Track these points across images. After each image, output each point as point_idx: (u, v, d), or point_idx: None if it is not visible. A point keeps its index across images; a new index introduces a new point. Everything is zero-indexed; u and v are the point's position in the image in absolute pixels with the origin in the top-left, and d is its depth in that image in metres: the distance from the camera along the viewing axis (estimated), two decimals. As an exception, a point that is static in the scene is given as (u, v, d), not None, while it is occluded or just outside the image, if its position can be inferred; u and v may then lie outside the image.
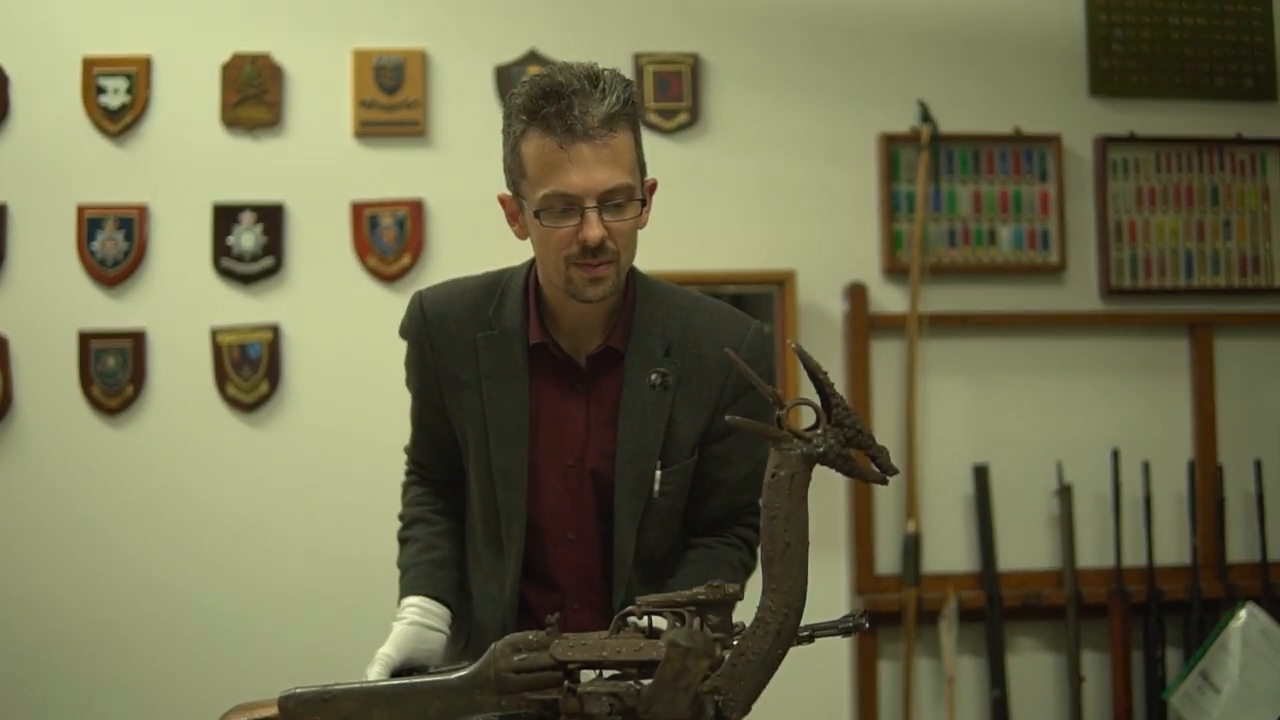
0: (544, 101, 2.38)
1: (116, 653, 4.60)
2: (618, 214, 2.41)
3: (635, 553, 2.59)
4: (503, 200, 2.56)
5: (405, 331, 2.70)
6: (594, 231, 2.38)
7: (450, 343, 2.64)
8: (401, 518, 2.79)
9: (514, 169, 2.48)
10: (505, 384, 2.59)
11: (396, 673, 2.40)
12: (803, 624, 2.30)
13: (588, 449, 2.59)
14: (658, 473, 2.57)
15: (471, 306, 2.63)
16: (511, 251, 2.79)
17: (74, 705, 4.60)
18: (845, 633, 2.25)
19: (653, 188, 2.54)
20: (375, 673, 2.36)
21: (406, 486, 2.84)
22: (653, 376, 2.56)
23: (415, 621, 2.52)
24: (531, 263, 2.62)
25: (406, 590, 2.62)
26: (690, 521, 2.71)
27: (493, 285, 2.66)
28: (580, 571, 2.64)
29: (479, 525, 2.70)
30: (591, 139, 2.37)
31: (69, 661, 4.60)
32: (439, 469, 2.79)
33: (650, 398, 2.56)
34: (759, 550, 2.56)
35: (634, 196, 2.43)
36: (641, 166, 2.48)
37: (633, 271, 2.60)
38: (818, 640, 2.08)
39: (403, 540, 2.75)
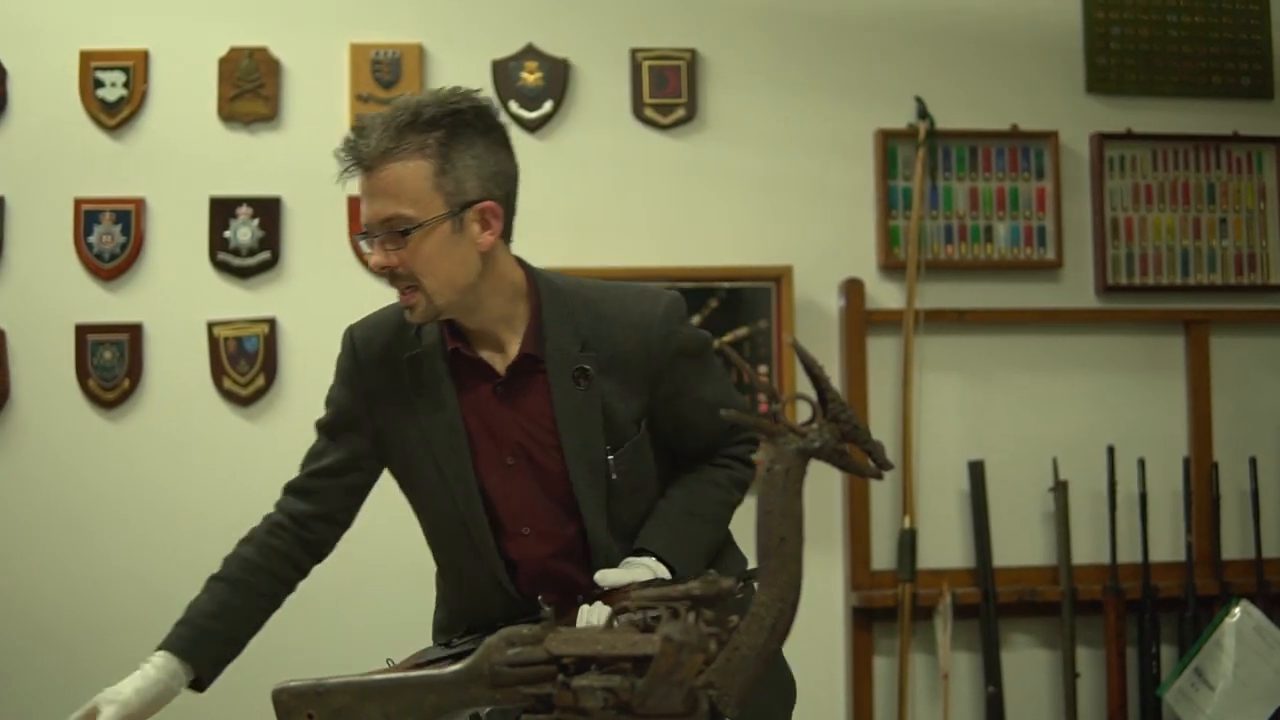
0: (347, 136, 2.57)
1: (111, 645, 4.60)
2: (399, 242, 2.50)
3: (611, 530, 2.67)
4: None
5: (339, 364, 2.80)
6: (373, 258, 2.54)
7: (380, 368, 2.72)
8: (231, 555, 2.88)
9: None
10: (434, 395, 2.67)
11: None
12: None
13: (526, 448, 2.66)
14: (610, 458, 2.65)
15: (396, 330, 2.71)
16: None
17: (65, 701, 4.59)
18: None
19: (488, 210, 2.56)
20: (107, 715, 2.62)
21: (264, 521, 2.89)
22: (575, 373, 2.63)
23: (159, 680, 2.72)
24: None
25: (170, 641, 2.78)
26: (681, 463, 2.81)
27: None
28: (538, 563, 2.71)
29: (443, 540, 2.80)
30: (369, 170, 2.51)
31: (63, 655, 4.60)
32: (312, 508, 2.85)
33: (579, 394, 2.64)
34: (754, 471, 2.78)
35: (417, 224, 2.49)
36: (450, 192, 2.52)
37: (534, 275, 2.70)
38: (813, 635, 2.10)
39: (214, 575, 2.86)
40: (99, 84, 4.70)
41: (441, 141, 2.50)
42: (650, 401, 2.68)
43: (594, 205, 4.83)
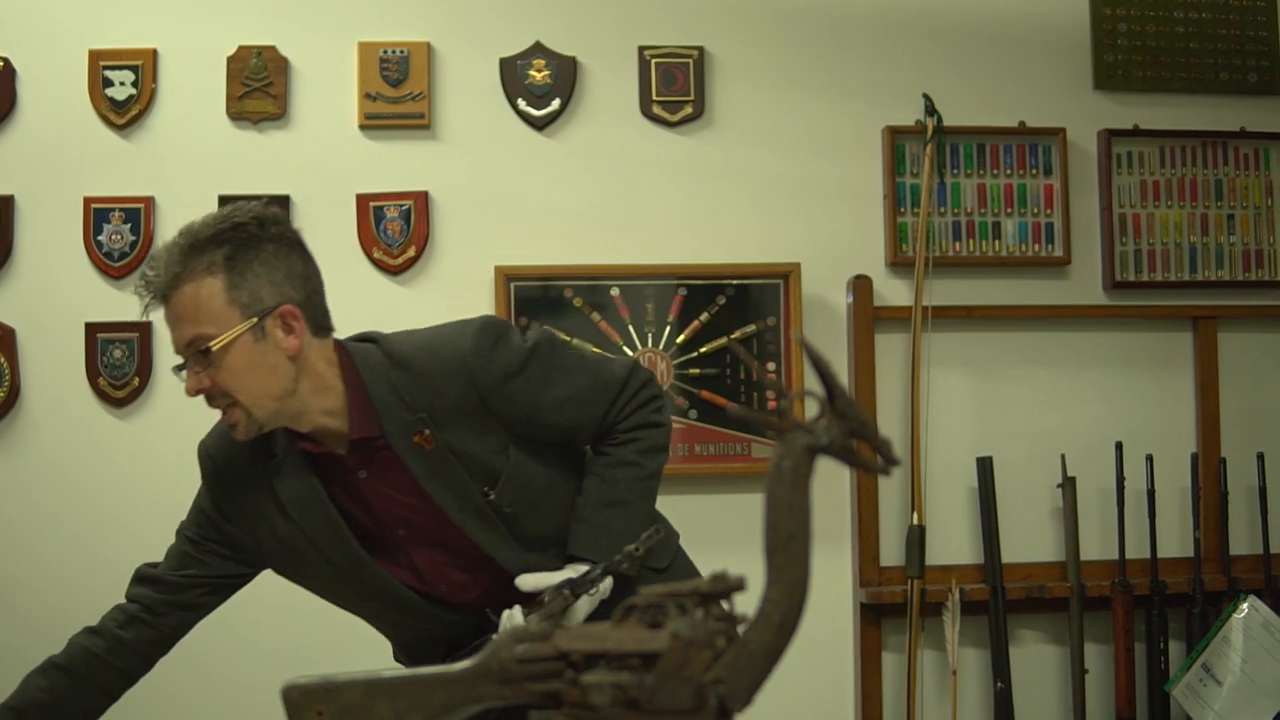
0: (142, 270, 2.58)
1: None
2: (204, 362, 2.53)
3: (531, 549, 2.71)
4: None
5: (204, 484, 2.81)
6: (187, 384, 2.56)
7: (246, 485, 2.73)
8: (77, 644, 2.84)
9: None
10: (304, 498, 2.68)
11: None
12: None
13: (409, 519, 2.69)
14: (490, 497, 2.66)
15: (253, 444, 2.68)
16: (517, 253, 2.80)
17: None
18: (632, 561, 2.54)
19: (287, 313, 2.58)
20: None
21: (116, 611, 2.89)
22: (415, 440, 2.62)
23: None
24: None
25: None
26: (593, 447, 2.83)
27: None
28: (467, 599, 2.75)
29: (368, 613, 2.87)
30: (165, 299, 2.54)
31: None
32: (173, 598, 2.87)
33: (431, 456, 2.63)
34: (665, 428, 2.82)
35: (217, 340, 2.51)
36: (245, 303, 2.54)
37: (350, 355, 2.67)
38: (822, 631, 2.11)
39: (55, 662, 2.81)
40: (108, 83, 4.71)
41: (228, 256, 2.52)
42: (508, 428, 2.68)
43: (601, 203, 4.83)
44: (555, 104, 4.83)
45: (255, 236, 2.56)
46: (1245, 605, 4.67)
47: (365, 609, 2.83)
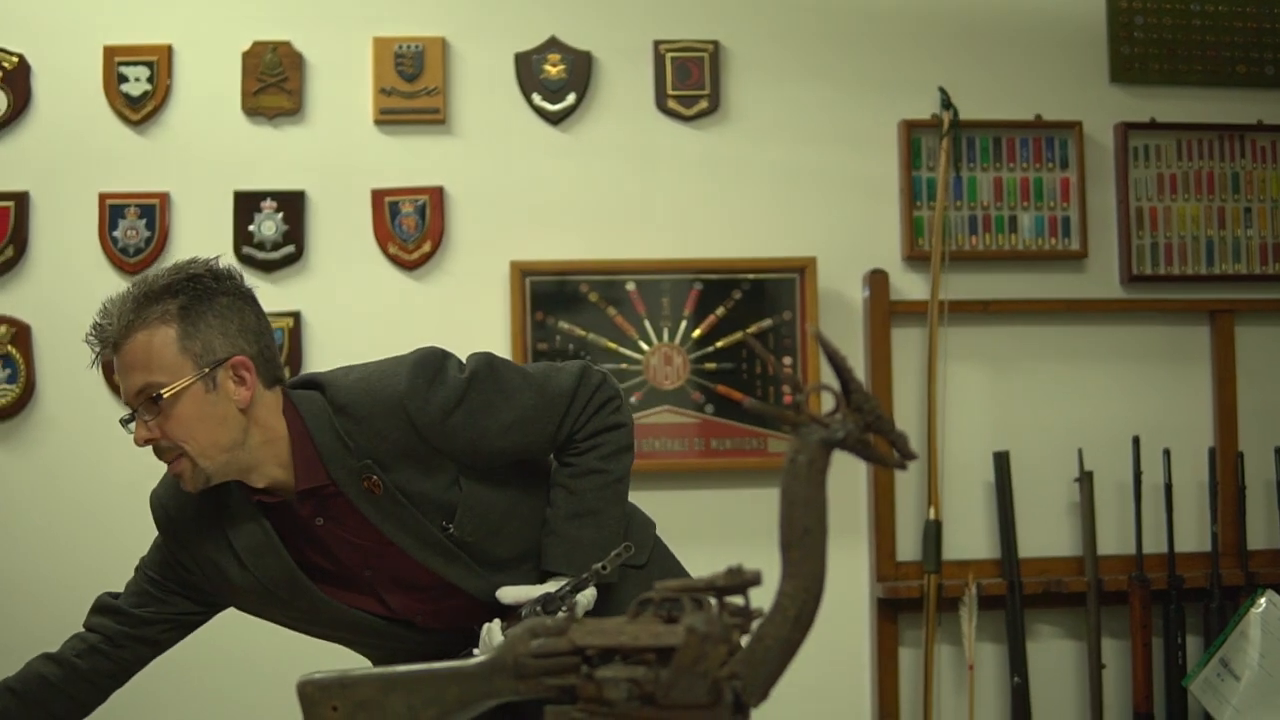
0: (94, 320, 2.56)
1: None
2: (154, 411, 2.53)
3: (500, 572, 2.69)
4: None
5: (160, 533, 2.80)
6: (136, 434, 2.57)
7: (200, 536, 2.71)
8: (32, 672, 2.81)
9: None
10: (258, 545, 2.66)
11: None
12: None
13: (372, 562, 2.67)
14: (450, 530, 2.64)
15: (205, 493, 2.66)
16: (532, 248, 2.79)
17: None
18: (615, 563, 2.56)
19: (239, 364, 2.57)
20: None
21: (75, 640, 2.87)
22: (365, 485, 2.60)
23: None
24: None
25: None
26: (556, 462, 2.81)
27: None
28: (443, 622, 2.74)
29: (347, 644, 2.87)
30: (117, 348, 2.53)
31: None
32: (133, 630, 2.84)
33: (382, 500, 2.61)
34: (626, 428, 2.79)
35: (169, 388, 2.51)
36: (198, 353, 2.53)
37: (296, 405, 2.64)
38: (838, 626, 2.10)
39: (9, 685, 2.79)
40: (123, 79, 4.71)
41: (182, 306, 2.52)
42: (455, 461, 2.65)
43: (617, 197, 4.83)
44: (570, 99, 4.82)
45: (210, 289, 2.56)
46: (1263, 600, 4.65)
47: (337, 638, 2.83)
